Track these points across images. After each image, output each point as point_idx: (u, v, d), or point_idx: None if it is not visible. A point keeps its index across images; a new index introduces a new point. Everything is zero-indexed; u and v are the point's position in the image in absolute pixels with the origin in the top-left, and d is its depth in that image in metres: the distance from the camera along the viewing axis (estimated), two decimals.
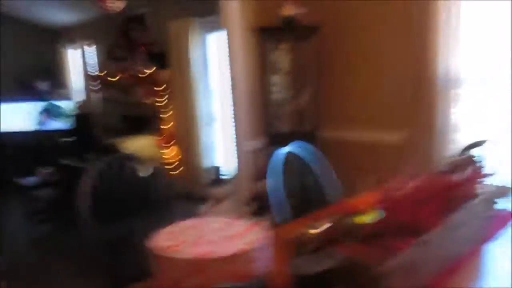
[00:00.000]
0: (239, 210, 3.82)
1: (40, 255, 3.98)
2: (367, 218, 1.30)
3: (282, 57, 3.75)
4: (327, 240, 1.21)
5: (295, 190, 2.16)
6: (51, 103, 6.99)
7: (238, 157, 3.89)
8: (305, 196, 2.21)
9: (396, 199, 1.39)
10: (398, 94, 3.28)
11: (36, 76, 7.39)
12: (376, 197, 1.50)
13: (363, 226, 1.23)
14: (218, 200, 4.03)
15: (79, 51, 7.20)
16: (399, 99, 3.27)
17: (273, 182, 2.02)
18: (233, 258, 1.21)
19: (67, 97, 7.25)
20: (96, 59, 6.76)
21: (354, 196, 2.05)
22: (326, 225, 1.30)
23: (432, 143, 3.02)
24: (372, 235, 1.22)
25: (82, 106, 7.19)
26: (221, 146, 5.05)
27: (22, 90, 7.26)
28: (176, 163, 5.30)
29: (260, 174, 3.79)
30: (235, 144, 3.91)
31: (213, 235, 1.36)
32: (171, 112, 5.34)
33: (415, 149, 3.10)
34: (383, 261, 1.14)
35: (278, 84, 3.76)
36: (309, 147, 2.41)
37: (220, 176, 4.31)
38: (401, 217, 1.29)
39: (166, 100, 5.37)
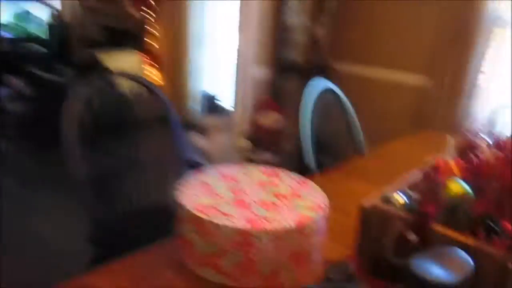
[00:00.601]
0: (236, 145, 3.48)
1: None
2: (460, 189, 0.97)
3: None
4: (423, 218, 0.87)
5: (328, 132, 1.82)
6: (22, 8, 6.23)
7: (238, 85, 3.47)
8: (336, 140, 1.88)
9: (498, 164, 1.06)
10: (433, 32, 2.88)
11: None
12: (458, 160, 1.17)
13: (471, 201, 0.90)
14: (212, 131, 3.66)
15: None
16: (433, 38, 2.87)
17: (305, 120, 1.67)
18: (296, 231, 0.87)
19: (41, 2, 6.47)
20: None
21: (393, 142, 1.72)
22: (414, 194, 0.96)
23: (465, 89, 2.69)
24: (482, 216, 0.89)
25: (59, 14, 6.44)
26: (218, 71, 4.57)
27: None
28: (162, 85, 4.83)
29: (263, 106, 3.43)
30: (235, 70, 3.48)
31: (257, 191, 1.02)
32: (159, 27, 4.78)
33: (444, 95, 2.76)
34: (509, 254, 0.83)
35: (294, 7, 3.28)
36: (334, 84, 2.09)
37: (214, 104, 3.91)
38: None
39: (155, 13, 4.79)
